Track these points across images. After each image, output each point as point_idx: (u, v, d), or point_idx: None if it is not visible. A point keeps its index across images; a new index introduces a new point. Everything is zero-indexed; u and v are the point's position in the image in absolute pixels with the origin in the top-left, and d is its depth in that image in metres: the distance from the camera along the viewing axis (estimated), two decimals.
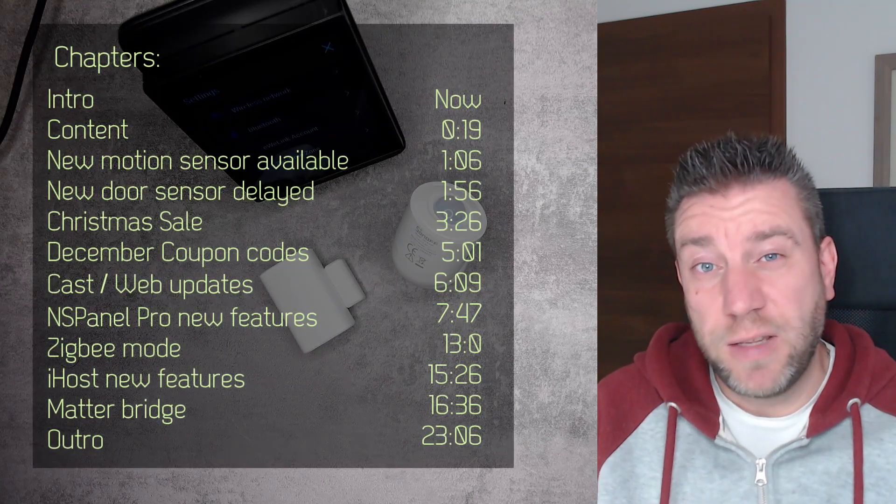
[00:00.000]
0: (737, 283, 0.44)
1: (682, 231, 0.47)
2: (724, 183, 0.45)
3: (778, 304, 0.44)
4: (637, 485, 0.48)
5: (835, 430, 0.46)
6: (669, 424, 0.48)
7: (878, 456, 0.44)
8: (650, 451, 0.49)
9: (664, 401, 0.49)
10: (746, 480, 0.46)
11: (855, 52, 1.16)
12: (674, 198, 0.49)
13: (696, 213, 0.46)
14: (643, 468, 0.49)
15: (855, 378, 0.46)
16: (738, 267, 0.44)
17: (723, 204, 0.45)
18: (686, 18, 1.29)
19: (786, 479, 0.45)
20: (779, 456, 0.46)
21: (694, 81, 1.30)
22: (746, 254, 0.44)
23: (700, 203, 0.46)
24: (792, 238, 0.45)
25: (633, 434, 0.50)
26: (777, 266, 0.44)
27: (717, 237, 0.45)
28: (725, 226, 0.45)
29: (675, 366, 0.51)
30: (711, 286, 0.46)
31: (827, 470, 0.45)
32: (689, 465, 0.48)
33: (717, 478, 0.47)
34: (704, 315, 0.46)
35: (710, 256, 0.45)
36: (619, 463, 0.50)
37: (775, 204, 0.45)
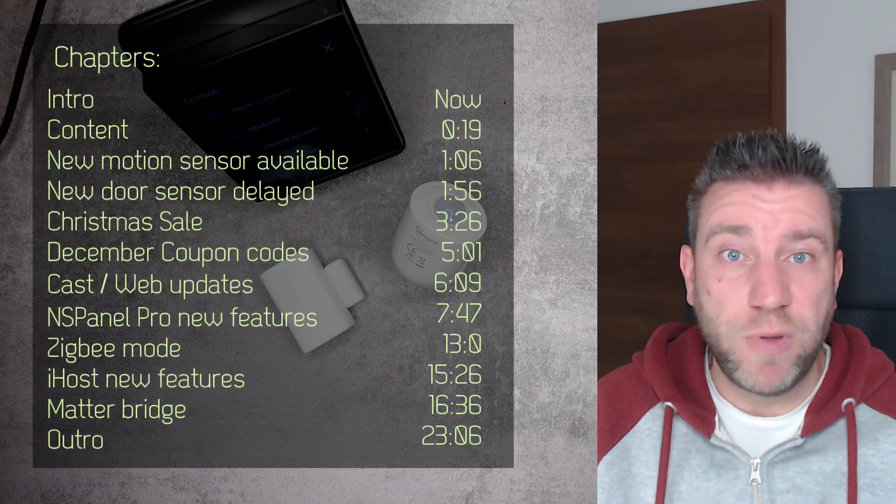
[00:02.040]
0: (771, 277, 0.44)
1: (717, 217, 0.46)
2: (771, 175, 0.45)
3: (801, 305, 0.44)
4: (633, 483, 0.49)
5: (830, 430, 0.46)
6: (665, 424, 0.48)
7: (873, 456, 0.45)
8: (647, 449, 0.49)
9: (660, 400, 0.49)
10: (741, 480, 0.46)
11: (855, 52, 1.16)
12: (703, 180, 0.48)
13: (736, 201, 0.46)
14: (640, 467, 0.49)
15: (850, 378, 0.47)
16: (772, 261, 0.44)
17: (766, 195, 0.45)
18: (686, 18, 1.29)
19: (780, 479, 0.45)
20: (773, 456, 0.46)
21: (694, 81, 1.30)
22: (780, 249, 0.44)
23: (742, 191, 0.46)
24: (824, 243, 0.45)
25: (630, 433, 0.50)
26: (805, 268, 0.45)
27: (756, 228, 0.45)
28: (765, 218, 0.45)
29: (673, 365, 0.51)
30: (737, 276, 0.45)
31: (821, 470, 0.45)
32: (685, 464, 0.48)
33: (712, 477, 0.47)
34: (725, 303, 0.46)
35: (742, 246, 0.45)
36: (616, 461, 0.50)
37: (815, 207, 0.45)
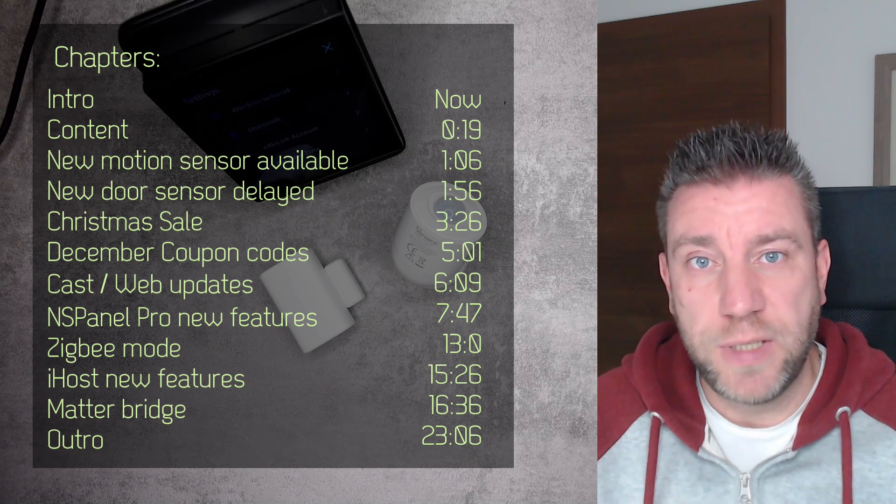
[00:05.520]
0: (738, 283, 0.41)
1: (681, 227, 0.44)
2: (730, 174, 0.42)
3: (777, 308, 0.42)
4: (621, 496, 0.47)
5: (824, 440, 0.43)
6: (652, 435, 0.46)
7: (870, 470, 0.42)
8: (633, 461, 0.47)
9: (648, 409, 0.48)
10: (731, 495, 0.44)
11: (855, 52, 1.16)
12: (668, 185, 0.46)
13: (697, 207, 0.43)
14: (627, 478, 0.47)
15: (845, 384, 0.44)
16: (739, 265, 0.42)
17: (728, 197, 0.42)
18: (686, 18, 1.29)
19: (771, 495, 0.43)
20: (764, 470, 0.43)
21: (694, 81, 1.30)
22: (748, 253, 0.42)
23: (703, 195, 0.43)
24: (796, 241, 0.42)
25: (617, 443, 0.48)
26: (778, 267, 0.42)
27: (720, 236, 0.42)
28: (728, 224, 0.42)
29: (661, 371, 0.49)
30: (707, 283, 0.43)
31: (815, 485, 0.42)
32: (672, 476, 0.46)
33: (700, 491, 0.45)
34: (697, 314, 0.43)
35: (709, 253, 0.43)
36: (603, 474, 0.48)
37: (781, 203, 0.43)
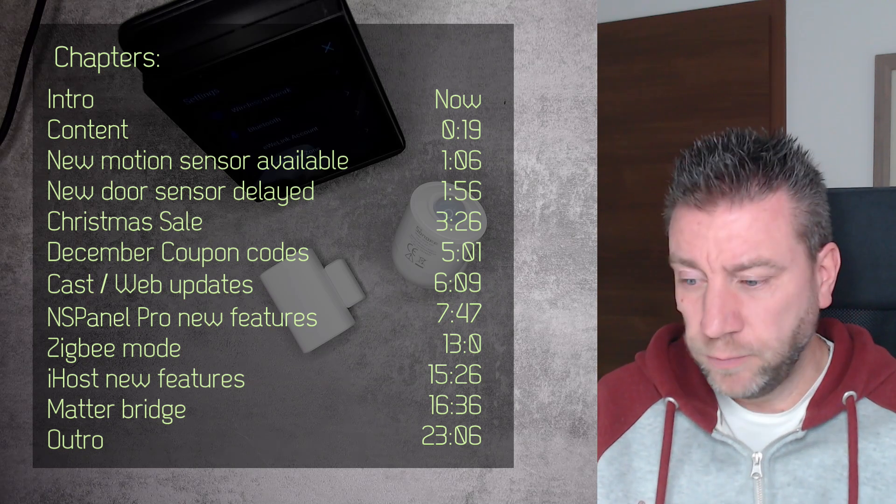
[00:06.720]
0: (713, 307, 0.43)
1: (673, 245, 0.46)
2: (711, 200, 0.43)
3: (755, 328, 0.44)
4: (634, 478, 0.49)
5: (831, 423, 0.46)
6: (667, 419, 0.48)
7: (875, 450, 0.45)
8: (648, 445, 0.49)
9: (662, 396, 0.50)
10: (743, 474, 0.46)
11: (855, 52, 1.16)
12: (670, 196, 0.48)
13: (684, 229, 0.45)
14: (640, 462, 0.49)
15: (852, 372, 0.47)
16: (717, 289, 0.44)
17: (709, 222, 0.44)
18: (686, 18, 1.29)
19: (782, 473, 0.45)
20: (775, 449, 0.46)
21: (694, 81, 1.30)
22: (728, 276, 0.44)
23: (689, 217, 0.45)
24: (774, 266, 0.43)
25: (632, 429, 0.50)
26: (758, 289, 0.44)
27: (701, 260, 0.44)
28: (708, 248, 0.43)
29: (674, 364, 0.51)
30: (695, 298, 0.46)
31: (822, 463, 0.45)
32: (685, 458, 0.48)
33: (713, 471, 0.47)
34: (688, 322, 0.47)
35: (695, 274, 0.45)
36: (617, 457, 0.50)
37: (761, 229, 0.43)
